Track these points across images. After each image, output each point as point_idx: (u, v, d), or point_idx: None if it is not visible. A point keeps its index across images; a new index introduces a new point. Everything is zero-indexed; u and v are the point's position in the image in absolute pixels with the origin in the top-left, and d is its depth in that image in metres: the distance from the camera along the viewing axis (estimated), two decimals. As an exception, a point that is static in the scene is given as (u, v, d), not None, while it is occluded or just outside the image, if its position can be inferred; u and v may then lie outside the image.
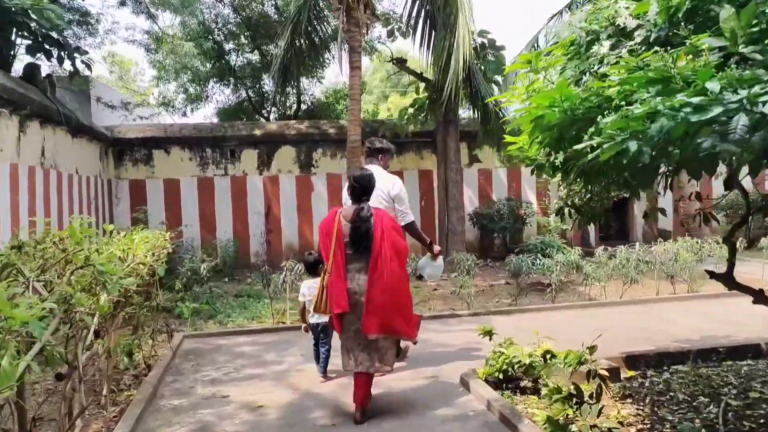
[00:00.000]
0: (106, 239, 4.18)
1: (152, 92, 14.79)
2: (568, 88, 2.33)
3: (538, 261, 7.11)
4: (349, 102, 9.68)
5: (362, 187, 3.91)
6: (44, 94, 7.26)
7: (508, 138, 3.77)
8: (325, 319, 4.30)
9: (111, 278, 2.64)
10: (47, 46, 7.35)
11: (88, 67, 7.88)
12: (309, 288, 4.61)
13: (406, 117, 11.62)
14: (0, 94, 5.52)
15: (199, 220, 11.99)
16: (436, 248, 4.84)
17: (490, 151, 12.60)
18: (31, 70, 7.30)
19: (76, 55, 7.64)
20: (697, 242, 7.73)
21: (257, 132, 12.31)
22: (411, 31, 11.13)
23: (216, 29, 13.46)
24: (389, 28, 12.11)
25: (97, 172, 10.36)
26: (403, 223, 4.50)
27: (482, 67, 10.79)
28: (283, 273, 6.85)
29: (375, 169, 4.53)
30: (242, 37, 13.85)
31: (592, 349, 3.47)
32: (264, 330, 6.20)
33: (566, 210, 3.85)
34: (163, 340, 5.53)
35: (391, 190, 4.60)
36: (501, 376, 4.06)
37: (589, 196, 3.92)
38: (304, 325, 4.71)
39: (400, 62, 10.85)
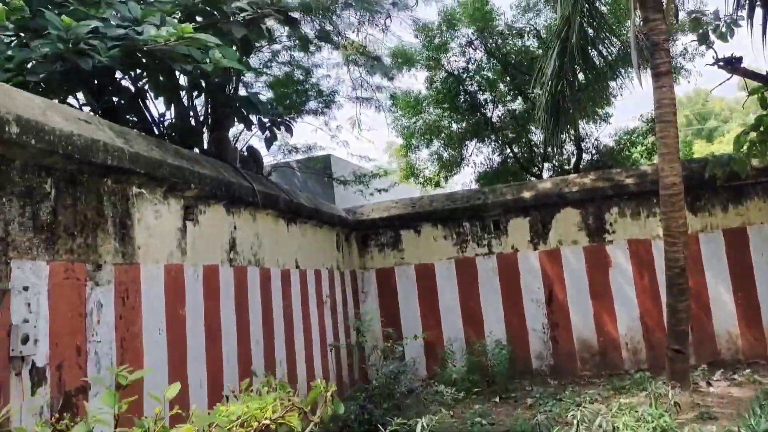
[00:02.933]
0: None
1: (401, 165, 13.53)
2: None
3: None
4: (658, 127, 6.63)
5: None
6: (235, 169, 5.84)
7: None
8: None
9: None
10: (243, 111, 6.02)
11: (288, 128, 6.37)
12: None
13: (746, 146, 8.04)
14: (134, 167, 3.99)
15: (461, 314, 9.75)
16: None
17: None
18: (218, 140, 6.01)
19: (274, 116, 6.18)
20: None
21: (526, 194, 9.81)
22: (741, 23, 7.77)
23: (467, 79, 11.66)
24: (701, 30, 8.83)
25: (332, 263, 8.88)
26: None
27: None
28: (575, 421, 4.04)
29: None
30: (501, 84, 11.80)
31: None
32: None
33: None
34: None
35: None
36: None
37: None
38: None
39: (731, 64, 7.48)
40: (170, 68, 5.23)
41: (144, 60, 4.59)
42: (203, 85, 6.07)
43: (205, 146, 6.94)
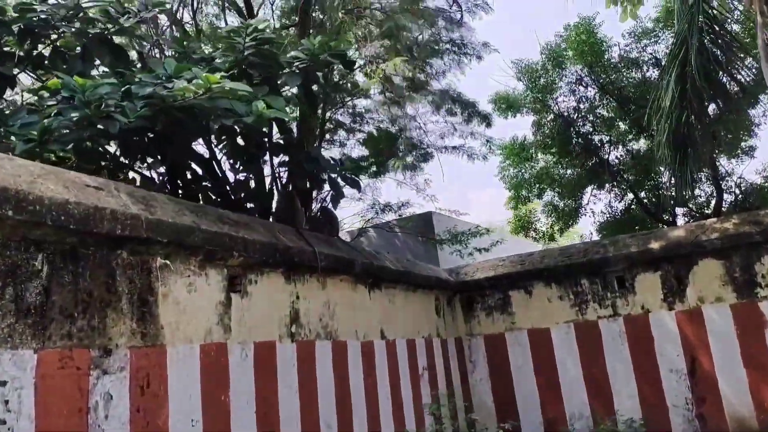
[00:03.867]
0: None
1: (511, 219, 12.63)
2: None
3: None
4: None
5: None
6: (298, 232, 5.39)
7: None
8: None
9: None
10: (304, 165, 5.60)
11: (354, 183, 5.85)
12: None
13: None
14: (154, 235, 3.61)
15: (585, 388, 8.57)
16: None
17: None
18: (284, 201, 5.60)
19: (341, 173, 5.70)
20: None
21: (654, 245, 8.60)
22: None
23: (579, 119, 10.73)
24: None
25: (431, 330, 8.17)
26: None
27: None
28: None
29: None
30: (619, 122, 10.75)
31: None
32: None
33: None
34: None
35: None
36: None
37: None
38: None
39: None
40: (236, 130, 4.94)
41: (179, 116, 4.29)
42: (266, 143, 5.75)
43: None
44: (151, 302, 3.67)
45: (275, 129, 6.77)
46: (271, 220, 6.48)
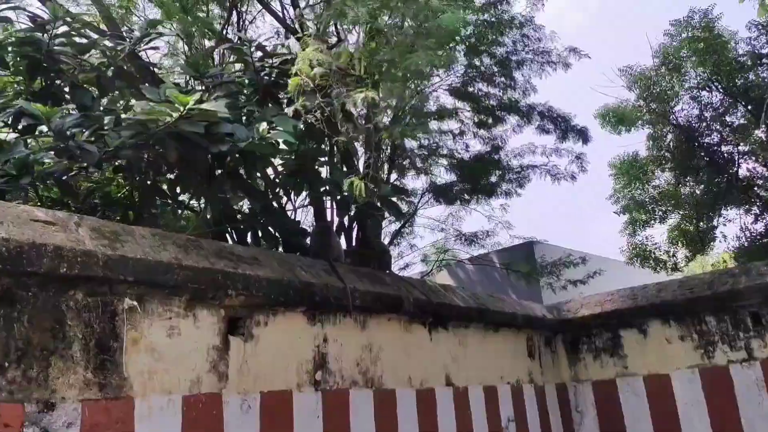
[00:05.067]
0: None
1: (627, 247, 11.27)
2: None
3: None
4: None
5: None
6: (331, 266, 4.93)
7: None
8: None
9: None
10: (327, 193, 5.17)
11: (394, 209, 5.28)
12: None
13: None
14: (115, 274, 3.31)
15: (714, 448, 7.27)
16: None
17: None
18: (319, 234, 5.17)
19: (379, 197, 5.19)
20: None
21: (798, 273, 7.22)
22: None
23: (703, 129, 9.43)
24: None
25: (520, 375, 7.33)
26: None
27: None
28: None
29: None
30: (755, 130, 9.33)
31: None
32: None
33: None
34: None
35: None
36: None
37: None
38: None
39: None
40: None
41: (175, 144, 4.02)
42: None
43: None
44: (115, 348, 3.35)
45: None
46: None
